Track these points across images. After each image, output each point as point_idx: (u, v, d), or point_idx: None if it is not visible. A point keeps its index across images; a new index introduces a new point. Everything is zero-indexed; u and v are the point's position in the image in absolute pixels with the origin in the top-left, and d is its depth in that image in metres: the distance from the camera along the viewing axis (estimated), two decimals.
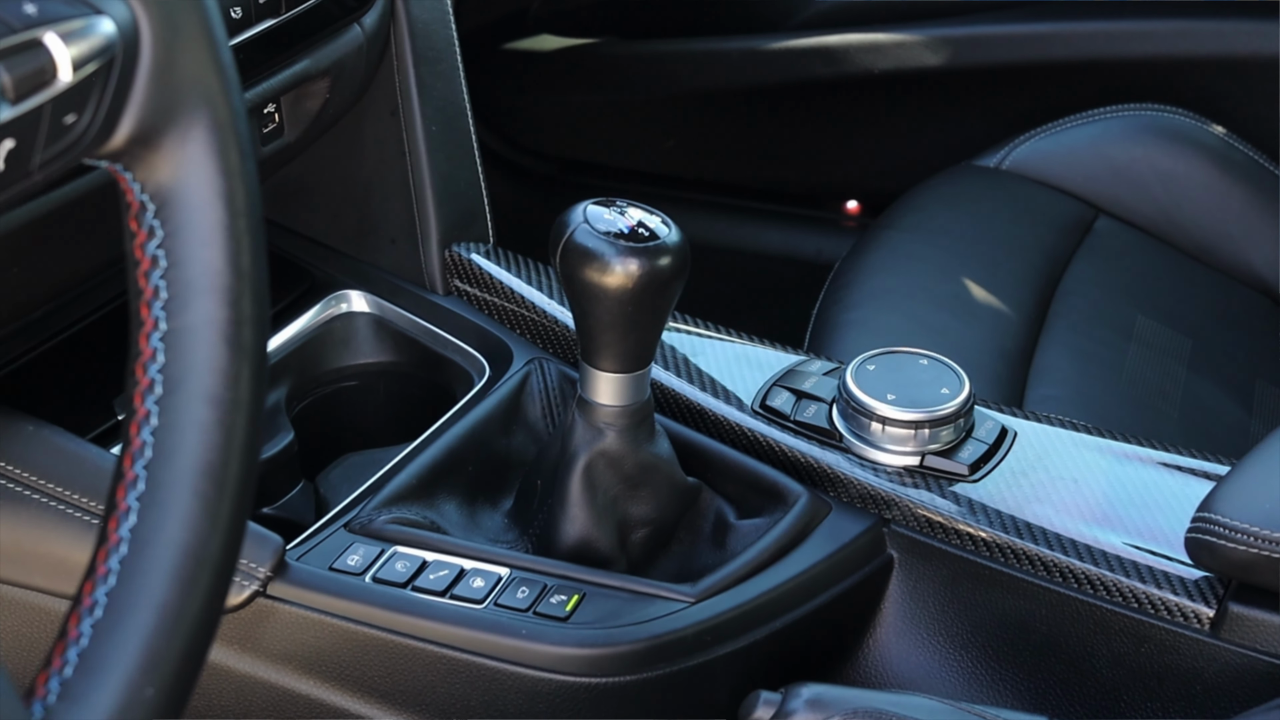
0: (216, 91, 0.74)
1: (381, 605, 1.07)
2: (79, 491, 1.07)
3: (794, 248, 2.31)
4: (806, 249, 2.30)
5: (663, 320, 1.11)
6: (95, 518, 1.06)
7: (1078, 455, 1.20)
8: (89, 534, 1.06)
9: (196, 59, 0.74)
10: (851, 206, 2.30)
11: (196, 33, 0.74)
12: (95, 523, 1.05)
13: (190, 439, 0.73)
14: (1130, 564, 1.10)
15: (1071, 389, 1.57)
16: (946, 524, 1.15)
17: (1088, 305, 1.69)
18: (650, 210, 1.10)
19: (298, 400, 1.35)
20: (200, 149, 0.74)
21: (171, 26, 0.73)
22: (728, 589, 1.11)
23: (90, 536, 1.05)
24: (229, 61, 0.75)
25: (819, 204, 2.31)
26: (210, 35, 0.74)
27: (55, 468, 1.08)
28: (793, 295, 2.28)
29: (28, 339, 1.22)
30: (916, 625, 1.17)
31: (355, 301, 1.38)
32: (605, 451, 1.13)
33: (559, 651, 1.05)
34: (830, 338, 1.58)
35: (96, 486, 1.07)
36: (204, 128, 0.74)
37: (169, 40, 0.72)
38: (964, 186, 1.84)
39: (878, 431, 1.18)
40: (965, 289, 1.66)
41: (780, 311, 2.32)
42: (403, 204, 1.37)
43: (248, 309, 0.74)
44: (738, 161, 2.31)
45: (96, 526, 0.78)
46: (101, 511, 0.76)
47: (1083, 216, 1.82)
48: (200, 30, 0.74)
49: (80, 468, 1.08)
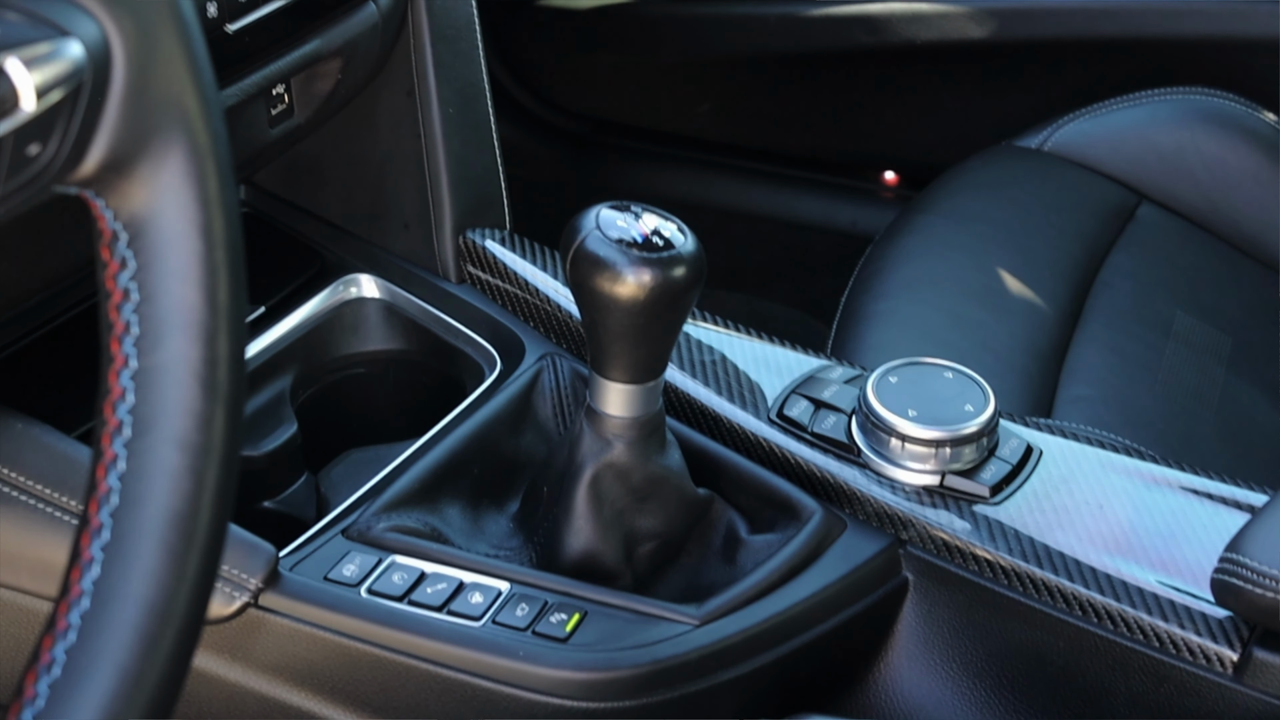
0: (194, 114, 0.70)
1: (376, 620, 1.04)
2: (68, 494, 1.04)
3: (830, 217, 2.26)
4: (842, 219, 2.25)
5: (676, 331, 1.06)
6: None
7: (1105, 478, 1.15)
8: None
9: (173, 79, 0.70)
10: (889, 178, 2.24)
11: (174, 50, 0.70)
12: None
13: (159, 486, 0.69)
14: (1153, 599, 1.06)
15: (1105, 389, 1.52)
16: (964, 548, 1.11)
17: (1125, 299, 1.63)
18: (666, 216, 1.06)
19: (304, 388, 1.31)
20: (176, 176, 0.70)
21: (147, 45, 0.69)
22: (734, 611, 1.07)
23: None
24: (209, 81, 0.71)
25: (856, 174, 2.26)
26: (189, 52, 0.70)
27: (44, 468, 1.05)
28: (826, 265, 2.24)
29: (16, 329, 1.19)
30: (930, 651, 1.13)
31: (366, 287, 1.34)
32: (613, 464, 1.10)
33: (556, 675, 1.02)
34: (857, 329, 1.53)
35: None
36: (180, 153, 0.70)
37: (144, 60, 0.68)
38: (1003, 168, 1.78)
39: (897, 448, 1.14)
40: (999, 280, 1.61)
41: (813, 282, 2.27)
42: (417, 188, 1.32)
43: (223, 348, 0.71)
44: (774, 128, 2.26)
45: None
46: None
47: (1125, 203, 1.76)
48: (178, 47, 0.70)
49: (70, 469, 1.05)
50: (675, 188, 2.31)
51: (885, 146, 2.21)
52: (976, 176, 1.77)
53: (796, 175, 2.27)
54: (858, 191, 2.26)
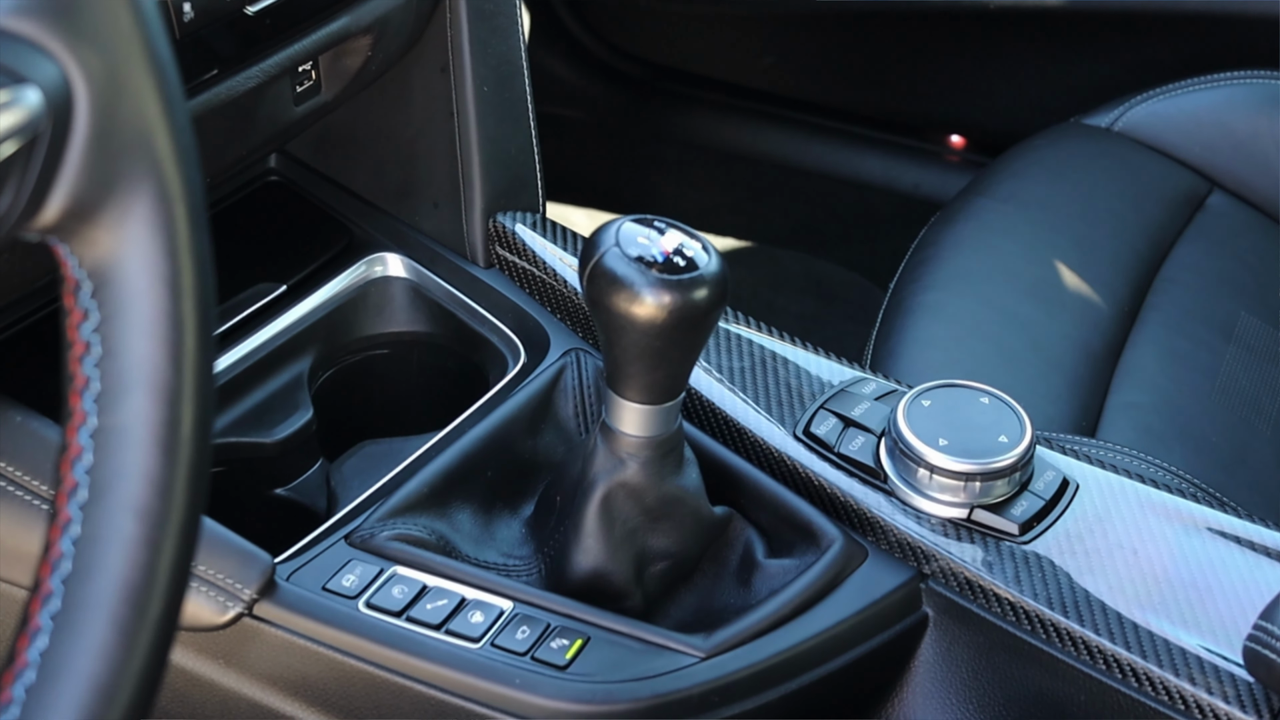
0: (165, 157, 0.66)
1: (372, 638, 1.01)
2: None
3: (892, 179, 2.19)
4: (904, 181, 2.19)
5: (696, 353, 1.02)
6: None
7: (1142, 519, 1.10)
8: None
9: (142, 118, 0.65)
10: (956, 141, 2.17)
11: (144, 87, 0.65)
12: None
13: (113, 556, 0.66)
14: (1181, 658, 1.01)
15: (1157, 396, 1.46)
16: (988, 588, 1.06)
17: (1187, 297, 1.57)
18: (691, 233, 1.01)
19: (323, 369, 1.28)
20: (142, 225, 0.66)
21: (114, 84, 0.64)
22: (743, 644, 1.03)
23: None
24: (182, 119, 0.67)
25: (922, 135, 2.19)
26: (160, 89, 0.66)
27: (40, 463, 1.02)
28: (885, 228, 2.18)
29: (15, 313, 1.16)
30: (947, 690, 1.09)
31: (392, 266, 1.30)
32: (626, 483, 1.06)
33: (553, 705, 0.99)
34: (903, 322, 1.48)
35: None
36: (148, 200, 0.66)
37: (110, 100, 0.64)
38: (1070, 149, 1.71)
39: (924, 479, 1.09)
40: (1055, 274, 1.54)
41: (872, 245, 2.22)
42: (448, 167, 1.28)
43: (188, 411, 0.67)
44: (839, 84, 2.19)
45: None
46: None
47: (1195, 191, 1.69)
48: (149, 84, 0.66)
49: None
50: (735, 139, 2.25)
51: (953, 109, 2.14)
52: (1041, 157, 1.70)
53: (860, 133, 2.21)
54: (922, 153, 2.19)
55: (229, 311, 1.23)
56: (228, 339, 1.22)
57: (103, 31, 0.64)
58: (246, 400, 1.21)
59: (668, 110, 2.28)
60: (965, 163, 2.17)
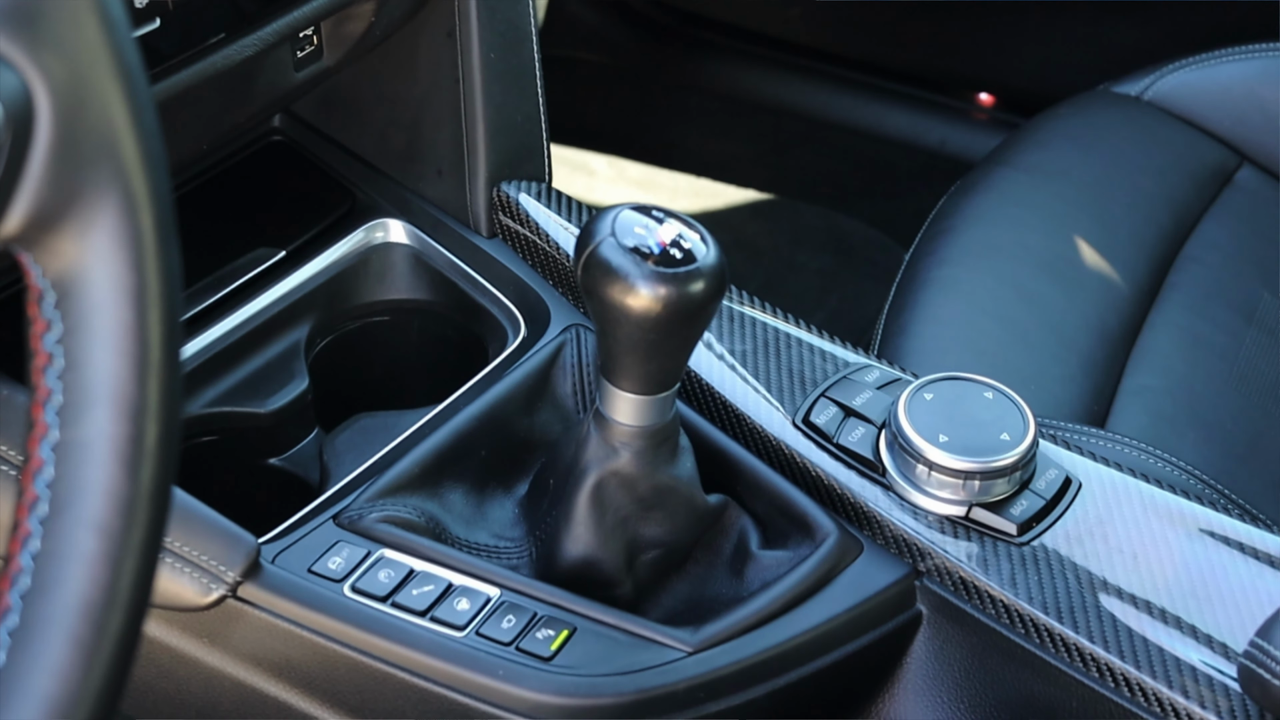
0: (131, 165, 0.65)
1: (356, 624, 1.00)
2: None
3: (918, 134, 2.16)
4: (931, 137, 2.15)
5: (691, 346, 1.00)
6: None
7: (1144, 522, 1.08)
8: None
9: (107, 126, 0.64)
10: (984, 99, 2.13)
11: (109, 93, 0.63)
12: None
13: (72, 572, 0.65)
14: (1175, 670, 0.99)
15: (1173, 379, 1.43)
16: (983, 588, 1.04)
17: (1209, 277, 1.54)
18: (690, 224, 0.99)
19: (322, 336, 1.26)
20: (107, 236, 0.65)
21: (78, 92, 0.63)
22: (732, 638, 1.02)
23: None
24: (151, 129, 0.65)
25: (949, 92, 2.15)
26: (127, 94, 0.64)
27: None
28: (910, 185, 2.15)
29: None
30: (938, 689, 1.08)
31: (394, 232, 1.28)
32: (618, 472, 1.04)
33: (535, 698, 0.98)
34: (916, 297, 1.45)
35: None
36: (113, 210, 0.64)
37: (73, 109, 0.62)
38: (1096, 118, 1.68)
39: (923, 475, 1.07)
40: (1074, 250, 1.51)
41: (895, 201, 2.19)
42: (452, 134, 1.25)
43: (152, 426, 0.65)
44: (867, 36, 2.15)
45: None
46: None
47: (1224, 165, 1.66)
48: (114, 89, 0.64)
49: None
50: (760, 89, 2.22)
51: (982, 67, 2.10)
52: (1067, 126, 1.67)
53: (887, 87, 2.17)
54: (949, 110, 2.15)
55: (226, 278, 1.22)
56: (224, 306, 1.21)
57: (66, 38, 0.63)
58: (241, 369, 1.20)
59: (692, 57, 2.24)
60: (993, 121, 2.13)
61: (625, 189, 2.30)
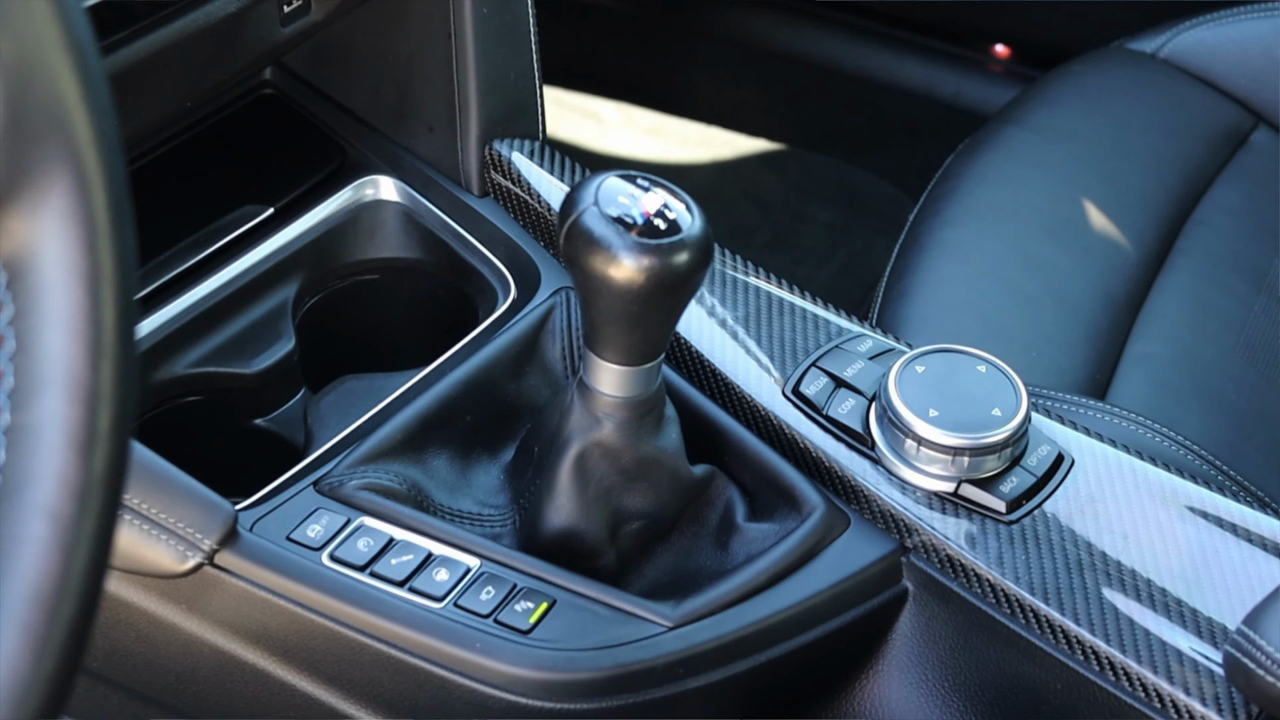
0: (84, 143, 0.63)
1: (333, 594, 0.99)
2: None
3: (932, 86, 2.12)
4: (945, 89, 2.12)
5: (675, 318, 0.98)
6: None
7: (1137, 502, 1.06)
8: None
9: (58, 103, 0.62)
10: (1000, 50, 2.09)
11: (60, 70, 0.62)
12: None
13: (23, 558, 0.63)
14: (1161, 655, 0.97)
15: (1178, 348, 1.41)
16: (970, 567, 1.03)
17: (1220, 242, 1.51)
18: (676, 193, 0.96)
19: (310, 295, 1.25)
20: (58, 216, 0.63)
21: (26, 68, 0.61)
22: (714, 614, 1.00)
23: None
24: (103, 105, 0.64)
25: (965, 42, 2.11)
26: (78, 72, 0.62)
27: None
28: (924, 137, 2.12)
29: None
30: (922, 666, 1.06)
31: (385, 190, 1.26)
32: (601, 442, 1.02)
33: (512, 671, 0.97)
34: (918, 260, 1.43)
35: None
36: (65, 189, 0.63)
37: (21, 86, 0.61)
38: (1109, 77, 1.64)
39: (912, 449, 1.05)
40: (1081, 213, 1.49)
41: (908, 154, 2.15)
42: (444, 90, 1.23)
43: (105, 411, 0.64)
44: None
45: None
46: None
47: (1239, 126, 1.62)
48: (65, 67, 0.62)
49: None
50: (771, 37, 2.18)
51: (999, 17, 2.06)
52: (1079, 83, 1.64)
53: (901, 37, 2.13)
54: (965, 61, 2.11)
55: (213, 234, 1.20)
56: (210, 264, 1.19)
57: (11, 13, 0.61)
58: (227, 329, 1.19)
59: (704, 3, 2.21)
60: (1009, 73, 2.10)
61: (635, 136, 2.27)
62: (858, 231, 2.13)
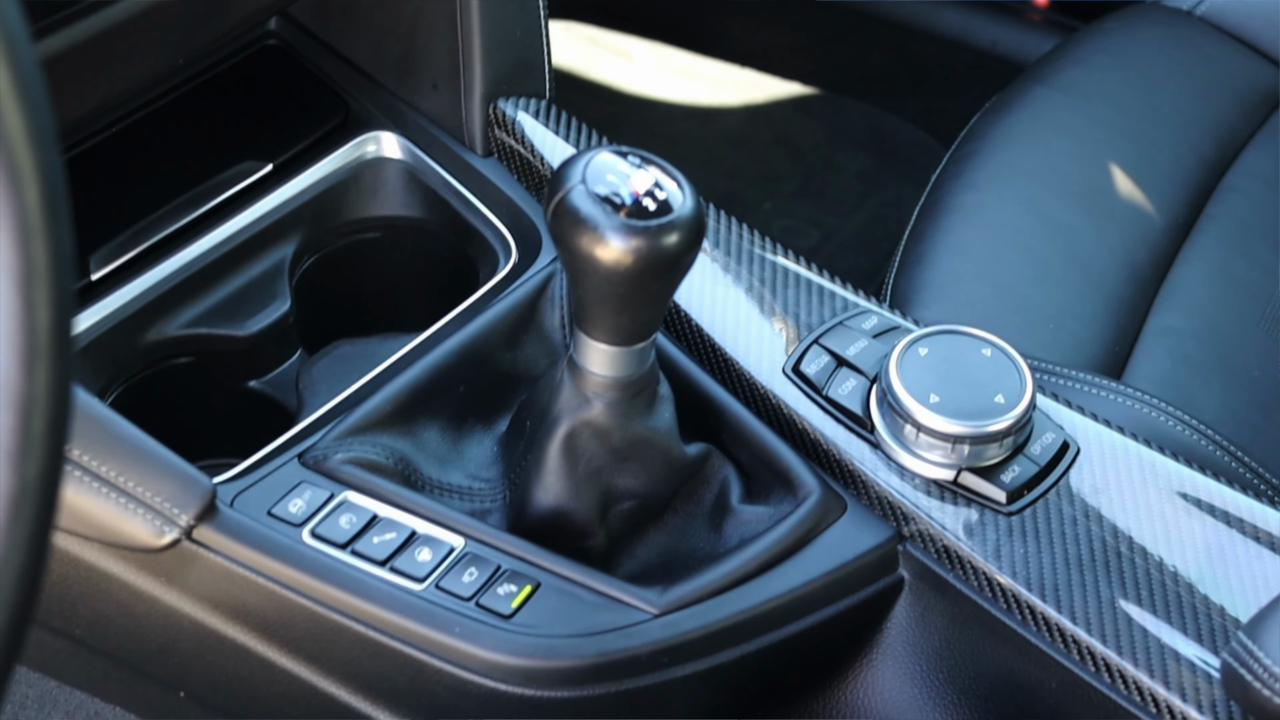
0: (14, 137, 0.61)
1: (312, 573, 0.97)
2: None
3: (970, 33, 2.07)
4: (982, 37, 2.07)
5: (666, 299, 0.95)
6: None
7: (1142, 495, 1.02)
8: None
9: None
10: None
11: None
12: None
13: None
14: (1159, 658, 0.95)
15: (1200, 321, 1.37)
16: (967, 558, 1.00)
17: (1249, 209, 1.46)
18: (668, 170, 0.93)
19: (309, 253, 1.22)
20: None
21: None
22: (702, 601, 0.98)
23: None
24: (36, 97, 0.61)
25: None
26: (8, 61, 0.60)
27: None
28: (959, 85, 2.07)
29: None
30: (917, 657, 1.04)
31: (387, 147, 1.23)
32: (591, 422, 1.00)
33: (492, 657, 0.95)
34: (937, 225, 1.39)
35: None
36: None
37: None
38: (1143, 35, 1.59)
39: (911, 435, 1.02)
40: (1108, 177, 1.44)
41: (942, 102, 2.11)
42: (448, 47, 1.20)
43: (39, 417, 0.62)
44: None
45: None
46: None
47: (1274, 87, 1.57)
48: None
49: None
50: None
51: None
52: (1111, 42, 1.59)
53: None
54: (1003, 9, 2.06)
55: (209, 191, 1.17)
56: (206, 221, 1.17)
57: None
58: (221, 289, 1.16)
59: None
60: (1047, 22, 2.04)
61: (666, 76, 2.23)
62: (887, 181, 2.08)
